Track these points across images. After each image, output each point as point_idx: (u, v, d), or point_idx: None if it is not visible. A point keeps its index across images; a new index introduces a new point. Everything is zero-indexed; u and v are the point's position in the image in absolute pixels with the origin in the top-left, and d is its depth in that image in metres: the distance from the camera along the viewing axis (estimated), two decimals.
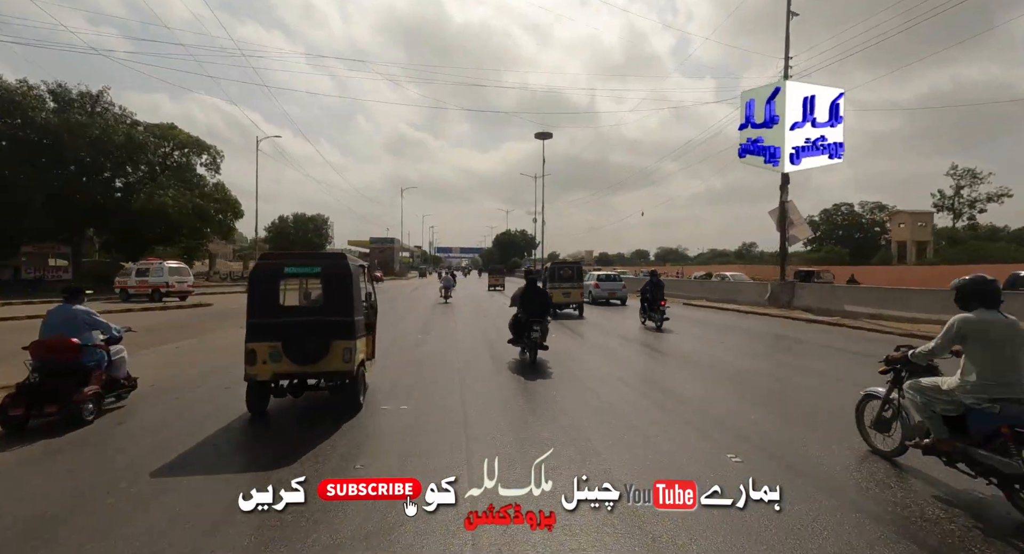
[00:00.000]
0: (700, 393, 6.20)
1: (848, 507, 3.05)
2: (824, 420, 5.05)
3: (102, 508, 3.07)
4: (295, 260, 5.46)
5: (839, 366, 8.33)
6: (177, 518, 2.91)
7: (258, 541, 2.64)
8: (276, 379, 4.98)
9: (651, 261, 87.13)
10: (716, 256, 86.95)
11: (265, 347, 4.80)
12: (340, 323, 4.97)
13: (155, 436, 4.51)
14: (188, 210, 29.27)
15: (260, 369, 4.81)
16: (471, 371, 7.41)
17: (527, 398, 5.88)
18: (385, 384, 6.41)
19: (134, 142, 28.94)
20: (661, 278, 13.49)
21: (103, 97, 28.98)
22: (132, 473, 3.60)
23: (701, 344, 10.68)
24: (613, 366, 8.13)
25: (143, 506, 3.09)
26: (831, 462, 3.83)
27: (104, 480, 3.50)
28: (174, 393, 6.03)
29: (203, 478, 3.51)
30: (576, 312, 16.31)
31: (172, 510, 3.01)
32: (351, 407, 5.14)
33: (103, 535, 2.74)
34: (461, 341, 10.50)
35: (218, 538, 2.67)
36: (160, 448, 4.13)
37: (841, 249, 55.01)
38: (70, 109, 27.35)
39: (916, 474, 3.59)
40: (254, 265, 5.43)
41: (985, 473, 3.05)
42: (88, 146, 26.68)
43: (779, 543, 2.61)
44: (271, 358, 4.81)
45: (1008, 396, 3.03)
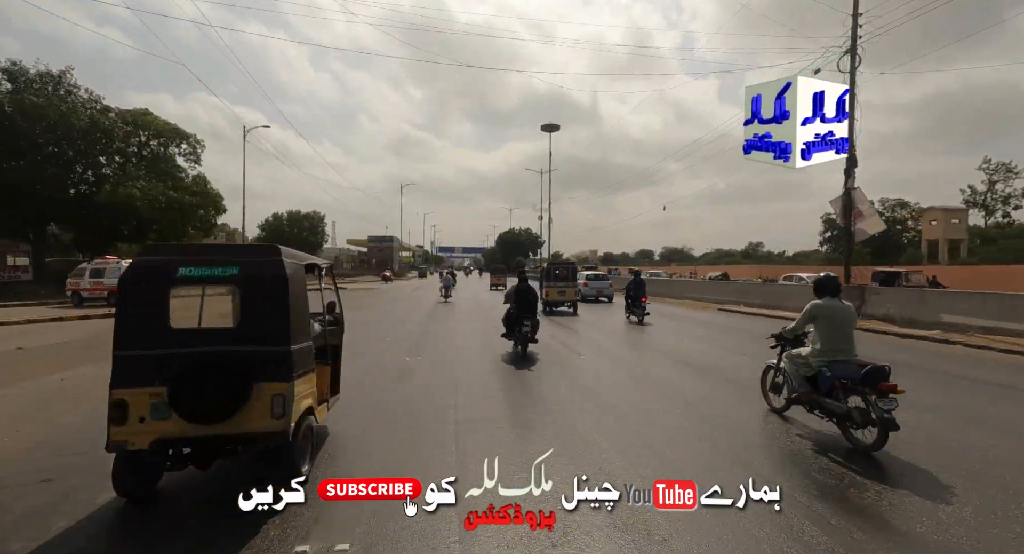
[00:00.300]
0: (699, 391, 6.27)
1: (742, 445, 4.38)
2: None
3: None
4: (195, 256, 3.44)
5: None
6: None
7: (258, 541, 2.63)
8: (161, 448, 3.11)
9: (656, 261, 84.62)
10: (723, 256, 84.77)
11: (143, 396, 3.06)
12: (267, 355, 3.22)
13: None
14: (161, 203, 25.79)
15: (134, 433, 3.03)
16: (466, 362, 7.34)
17: (523, 391, 5.94)
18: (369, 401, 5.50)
19: (99, 128, 25.76)
20: (673, 278, 15.65)
21: (66, 79, 25.95)
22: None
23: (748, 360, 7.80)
24: (599, 357, 8.83)
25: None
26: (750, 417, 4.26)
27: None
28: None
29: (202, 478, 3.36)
30: (571, 310, 16.90)
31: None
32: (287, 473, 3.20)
33: None
34: (460, 341, 10.23)
35: (218, 538, 2.67)
36: None
37: (862, 248, 52.26)
38: (26, 90, 24.48)
39: (793, 422, 4.93)
40: (130, 264, 3.71)
41: (828, 415, 4.35)
42: (45, 132, 23.82)
43: (779, 543, 2.61)
44: (153, 414, 3.07)
45: (840, 359, 4.31)
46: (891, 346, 10.05)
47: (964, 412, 5.41)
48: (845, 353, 4.32)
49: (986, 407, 5.67)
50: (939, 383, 6.93)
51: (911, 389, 4.44)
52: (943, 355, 9.11)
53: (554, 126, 43.63)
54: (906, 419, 3.98)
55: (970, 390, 6.59)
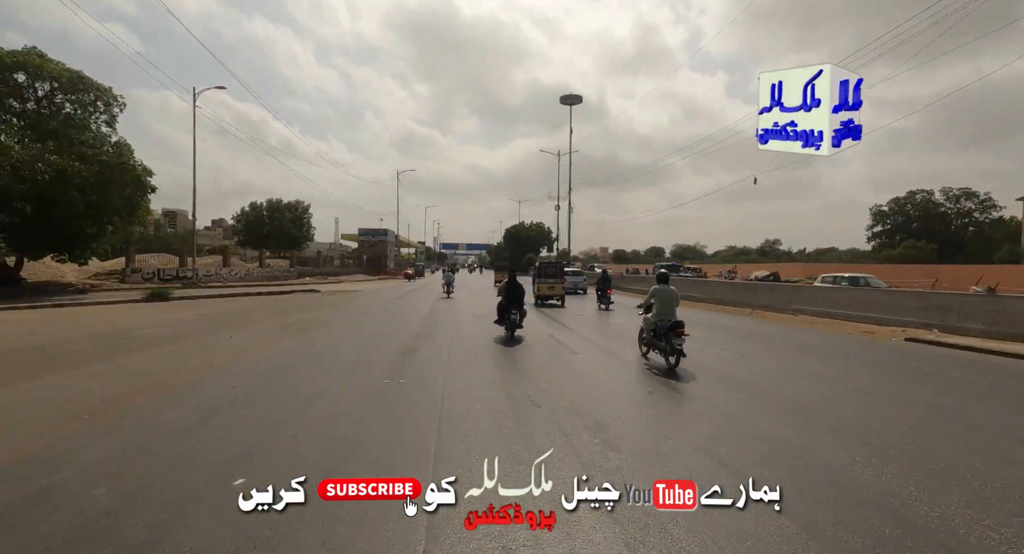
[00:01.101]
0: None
1: (637, 376, 7.17)
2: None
3: None
4: None
5: None
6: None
7: (258, 541, 2.62)
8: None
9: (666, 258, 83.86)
10: (738, 254, 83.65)
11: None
12: None
13: None
14: (43, 178, 17.98)
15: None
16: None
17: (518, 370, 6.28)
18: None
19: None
20: (697, 276, 16.83)
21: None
22: None
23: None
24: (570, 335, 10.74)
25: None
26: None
27: None
28: None
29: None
30: (559, 303, 18.73)
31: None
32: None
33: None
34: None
35: (217, 538, 2.65)
36: None
37: (925, 244, 46.84)
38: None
39: (649, 362, 7.91)
40: None
41: (659, 350, 7.37)
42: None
43: (779, 543, 2.61)
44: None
45: (665, 319, 7.23)
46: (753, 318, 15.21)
47: (736, 348, 9.52)
48: (669, 315, 7.29)
49: (747, 345, 10.00)
50: (729, 336, 11.16)
51: (706, 338, 10.15)
52: (765, 323, 14.07)
53: (576, 97, 40.07)
54: (692, 350, 7.41)
55: (748, 338, 10.86)
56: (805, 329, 12.31)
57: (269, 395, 5.53)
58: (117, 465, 3.55)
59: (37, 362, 7.31)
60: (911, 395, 5.92)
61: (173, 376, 6.44)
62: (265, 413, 4.82)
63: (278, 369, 6.90)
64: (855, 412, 5.09)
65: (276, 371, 6.77)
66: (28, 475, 3.38)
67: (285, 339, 9.68)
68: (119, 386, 5.92)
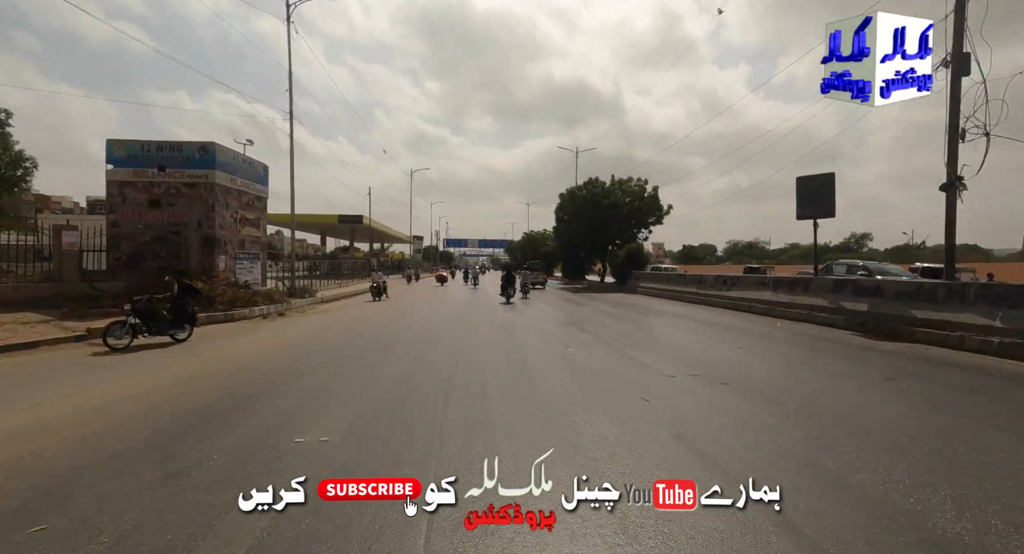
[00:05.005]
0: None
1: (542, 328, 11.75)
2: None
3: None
4: None
5: None
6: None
7: (258, 541, 2.66)
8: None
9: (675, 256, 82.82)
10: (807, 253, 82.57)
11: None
12: None
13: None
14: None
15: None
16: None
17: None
18: None
19: None
20: (691, 274, 23.53)
21: None
22: None
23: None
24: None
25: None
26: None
27: None
28: None
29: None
30: (541, 288, 30.68)
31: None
32: None
33: None
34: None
35: (216, 538, 2.71)
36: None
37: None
38: None
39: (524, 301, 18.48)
40: None
41: (523, 290, 21.91)
42: None
43: (780, 543, 2.60)
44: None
45: (531, 281, 26.12)
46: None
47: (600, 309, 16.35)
48: (534, 278, 27.01)
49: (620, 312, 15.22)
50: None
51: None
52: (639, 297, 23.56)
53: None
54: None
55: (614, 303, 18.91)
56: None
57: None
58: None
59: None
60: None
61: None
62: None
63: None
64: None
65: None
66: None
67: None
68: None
